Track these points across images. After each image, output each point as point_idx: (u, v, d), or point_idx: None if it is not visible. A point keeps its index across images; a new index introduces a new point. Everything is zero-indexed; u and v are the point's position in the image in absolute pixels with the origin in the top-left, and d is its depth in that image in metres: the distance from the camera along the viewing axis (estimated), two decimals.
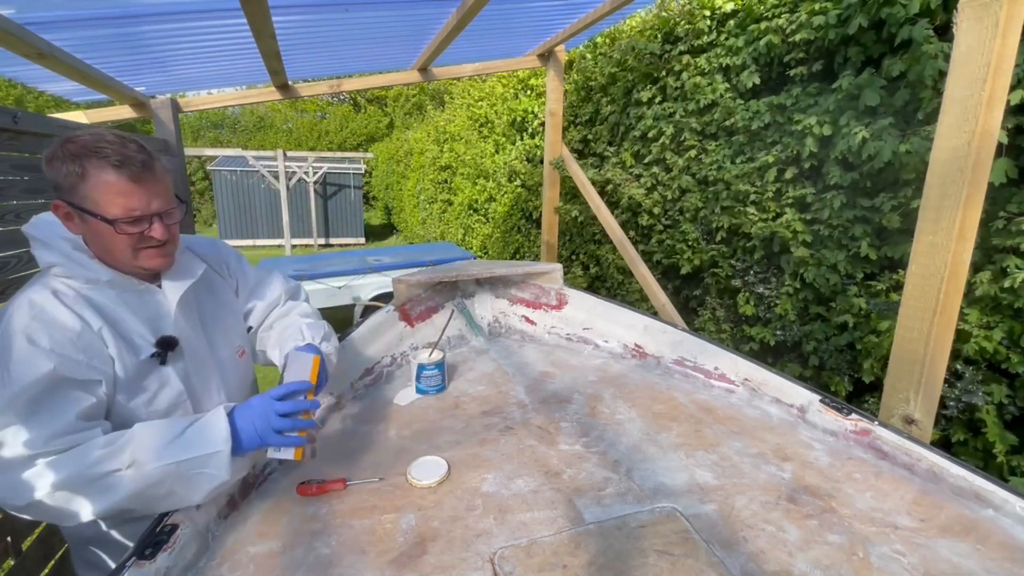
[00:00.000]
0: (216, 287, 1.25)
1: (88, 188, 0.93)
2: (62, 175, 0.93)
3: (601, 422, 1.40)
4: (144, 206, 0.96)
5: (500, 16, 3.02)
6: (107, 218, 0.94)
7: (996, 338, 1.83)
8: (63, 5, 2.00)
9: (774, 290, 2.67)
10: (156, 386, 1.04)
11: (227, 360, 1.21)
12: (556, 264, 2.09)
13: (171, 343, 1.06)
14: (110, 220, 0.94)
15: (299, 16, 2.52)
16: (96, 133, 0.96)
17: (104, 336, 0.97)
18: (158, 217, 0.99)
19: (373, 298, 5.41)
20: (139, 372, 1.02)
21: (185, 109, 3.51)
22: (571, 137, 4.51)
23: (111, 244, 0.97)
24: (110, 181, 0.93)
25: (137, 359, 1.01)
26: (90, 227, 0.96)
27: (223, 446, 0.92)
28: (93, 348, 0.95)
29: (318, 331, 1.27)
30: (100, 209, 0.94)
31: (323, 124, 19.22)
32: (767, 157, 2.61)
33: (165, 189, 1.00)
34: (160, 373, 1.05)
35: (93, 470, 0.87)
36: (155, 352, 1.03)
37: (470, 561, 0.91)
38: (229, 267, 1.31)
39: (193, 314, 1.14)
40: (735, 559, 0.91)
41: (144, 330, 1.04)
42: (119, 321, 1.01)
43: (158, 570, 0.83)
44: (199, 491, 0.93)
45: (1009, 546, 0.92)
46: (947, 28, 1.95)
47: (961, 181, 1.39)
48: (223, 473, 0.92)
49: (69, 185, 0.93)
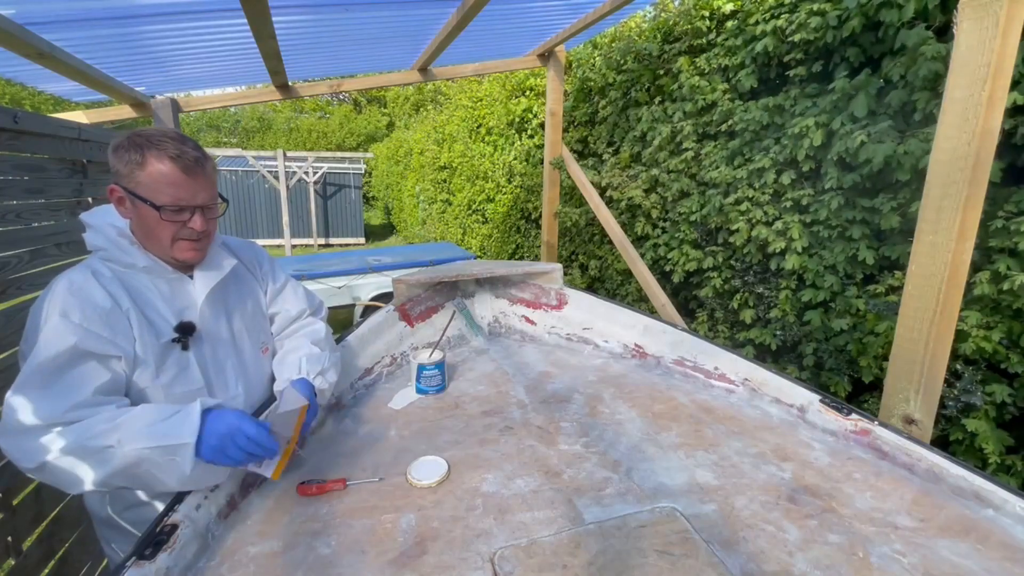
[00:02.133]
0: (247, 284, 1.33)
1: (144, 175, 1.03)
2: (124, 162, 1.03)
3: (601, 422, 1.40)
4: (190, 198, 1.06)
5: (500, 16, 3.02)
6: (156, 204, 1.04)
7: (995, 338, 1.83)
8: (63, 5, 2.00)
9: (773, 291, 2.67)
10: (175, 370, 1.11)
11: (249, 354, 1.27)
12: (556, 264, 2.09)
13: (189, 328, 1.12)
14: (158, 206, 1.04)
15: (299, 16, 2.52)
16: (161, 130, 1.07)
17: (131, 316, 1.05)
18: (200, 210, 1.08)
19: (373, 298, 5.41)
20: (160, 354, 1.08)
21: (185, 109, 3.51)
22: (570, 137, 4.51)
23: (155, 230, 1.07)
24: (164, 171, 1.03)
25: (158, 341, 1.08)
26: (139, 212, 1.06)
27: (189, 439, 0.93)
28: (119, 326, 1.03)
29: (316, 365, 1.29)
30: (151, 195, 1.03)
31: (323, 124, 19.21)
32: (765, 159, 2.61)
33: (211, 187, 1.11)
34: (180, 358, 1.12)
35: (92, 443, 0.92)
36: (175, 336, 1.10)
37: (470, 561, 0.91)
38: (262, 267, 1.39)
39: (220, 306, 1.21)
40: (735, 559, 0.91)
41: (170, 315, 1.11)
42: (147, 304, 1.10)
43: (158, 570, 0.83)
44: (171, 478, 0.94)
45: (1009, 546, 0.92)
46: (946, 29, 1.95)
47: (961, 181, 1.39)
48: (186, 466, 0.92)
49: (128, 171, 1.03)
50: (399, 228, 13.84)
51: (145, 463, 0.92)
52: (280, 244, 12.42)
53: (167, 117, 3.32)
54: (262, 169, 11.33)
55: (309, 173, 12.07)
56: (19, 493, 1.57)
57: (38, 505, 1.64)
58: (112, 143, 1.06)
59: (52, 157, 1.84)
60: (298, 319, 1.43)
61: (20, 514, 1.56)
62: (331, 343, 1.42)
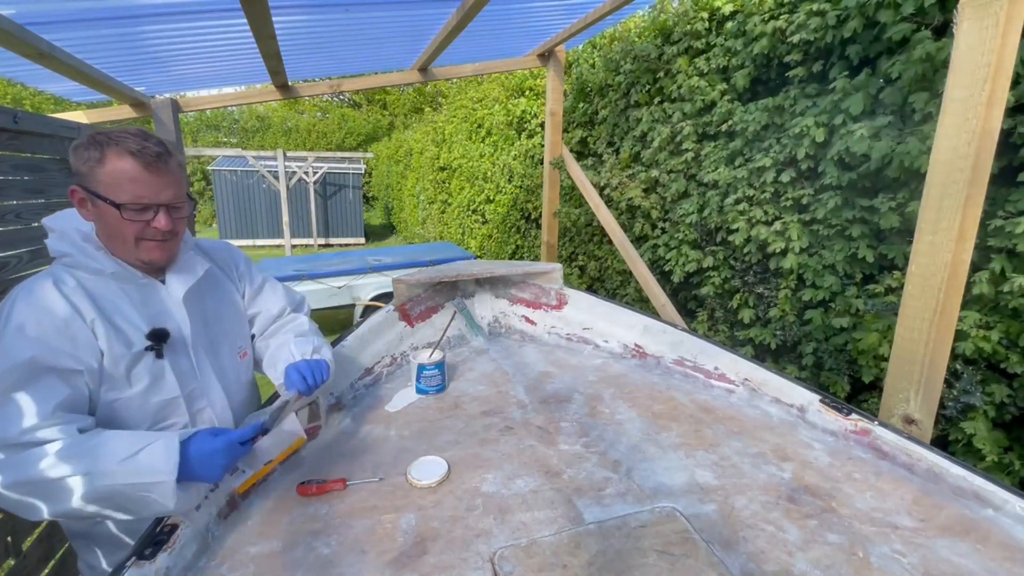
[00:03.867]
0: (223, 287, 1.27)
1: (103, 173, 0.98)
2: (83, 160, 0.98)
3: (601, 422, 1.40)
4: (153, 195, 1.00)
5: (500, 16, 3.02)
6: (116, 202, 0.98)
7: (994, 338, 1.83)
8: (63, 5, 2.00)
9: (773, 291, 2.67)
10: (149, 379, 1.05)
11: (227, 360, 1.23)
12: (556, 264, 2.09)
13: (163, 335, 1.06)
14: (118, 204, 0.98)
15: (299, 16, 2.52)
16: (122, 128, 1.03)
17: (95, 328, 0.99)
18: (164, 208, 1.02)
19: (373, 298, 5.41)
20: (131, 365, 1.02)
21: (185, 109, 3.51)
22: (570, 137, 4.51)
23: (118, 230, 1.01)
24: (124, 168, 0.98)
25: (129, 351, 1.02)
26: (101, 212, 1.00)
27: (167, 476, 0.90)
28: (80, 338, 0.97)
29: (307, 346, 1.28)
30: (112, 193, 0.98)
31: (322, 124, 19.22)
32: (765, 159, 2.61)
33: (176, 184, 1.04)
34: (154, 366, 1.06)
35: (52, 472, 0.86)
36: (148, 345, 1.04)
37: (470, 561, 0.91)
38: (238, 269, 1.34)
39: (195, 311, 1.15)
40: (735, 559, 0.91)
41: (141, 323, 1.05)
42: (116, 313, 1.03)
43: (158, 570, 0.83)
44: (146, 511, 0.91)
45: (1009, 546, 0.92)
46: (945, 28, 1.95)
47: (961, 181, 1.39)
48: (167, 501, 0.90)
49: (87, 170, 0.98)
50: (399, 228, 13.84)
51: (117, 497, 0.89)
52: (280, 244, 12.43)
53: (167, 117, 3.32)
54: (262, 169, 11.33)
55: (309, 173, 12.07)
56: None
57: None
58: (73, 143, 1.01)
59: (52, 157, 1.84)
60: (280, 317, 1.39)
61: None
62: (317, 333, 1.39)
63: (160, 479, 0.89)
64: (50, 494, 0.88)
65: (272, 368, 1.27)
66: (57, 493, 0.87)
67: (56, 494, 0.87)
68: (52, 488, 0.87)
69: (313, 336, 1.34)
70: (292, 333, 1.33)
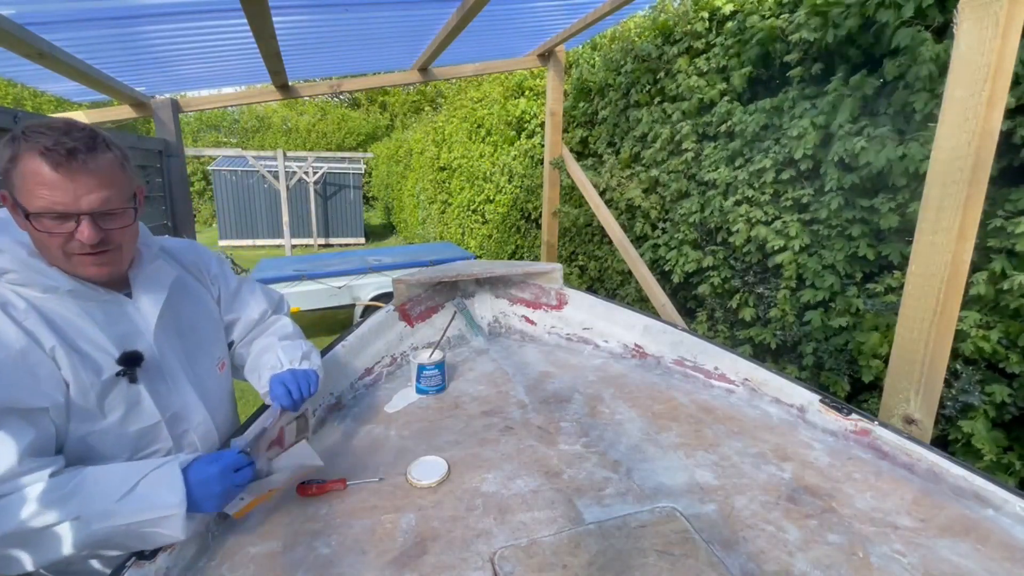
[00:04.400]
0: (195, 294, 1.14)
1: (16, 176, 0.82)
2: (1, 160, 0.83)
3: (601, 422, 1.40)
4: (70, 201, 0.82)
5: (500, 16, 3.02)
6: (28, 211, 0.82)
7: (994, 338, 1.83)
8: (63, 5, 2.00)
9: (773, 291, 2.67)
10: (124, 407, 0.93)
11: (206, 374, 1.10)
12: (556, 264, 2.09)
13: (135, 358, 0.94)
14: (28, 214, 0.82)
15: (299, 16, 2.52)
16: (51, 118, 0.87)
17: (57, 356, 0.85)
18: (89, 217, 0.84)
19: (373, 298, 5.41)
20: (102, 393, 0.90)
21: (185, 109, 3.51)
22: (570, 137, 4.51)
23: (40, 243, 0.86)
24: (35, 170, 0.80)
25: (99, 379, 0.89)
26: (21, 222, 0.85)
27: (177, 509, 0.83)
28: (41, 370, 0.83)
29: (296, 352, 1.19)
30: (25, 201, 0.82)
31: (322, 124, 19.22)
32: (765, 159, 2.61)
33: (107, 185, 0.85)
34: (129, 393, 0.94)
35: (36, 521, 0.76)
36: (120, 370, 0.92)
37: (470, 561, 0.91)
38: (210, 272, 1.20)
39: (168, 325, 1.02)
40: (735, 559, 0.91)
41: (109, 345, 0.92)
42: (79, 336, 0.89)
43: (158, 570, 0.83)
44: (149, 545, 0.85)
45: (1009, 546, 0.92)
46: (945, 29, 1.95)
47: (961, 181, 1.39)
48: (178, 533, 0.84)
49: (4, 171, 0.83)
50: (399, 228, 13.84)
51: (119, 537, 0.81)
52: (280, 244, 12.43)
53: (167, 117, 3.32)
54: (262, 169, 11.34)
55: (309, 173, 12.08)
56: None
57: None
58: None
59: None
60: (261, 321, 1.28)
61: None
62: (302, 336, 1.30)
63: (169, 512, 0.82)
64: (35, 545, 0.78)
65: (255, 375, 1.18)
66: (43, 543, 0.78)
67: (42, 544, 0.78)
68: (36, 539, 0.77)
69: (300, 341, 1.25)
70: (276, 336, 1.23)
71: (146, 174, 2.79)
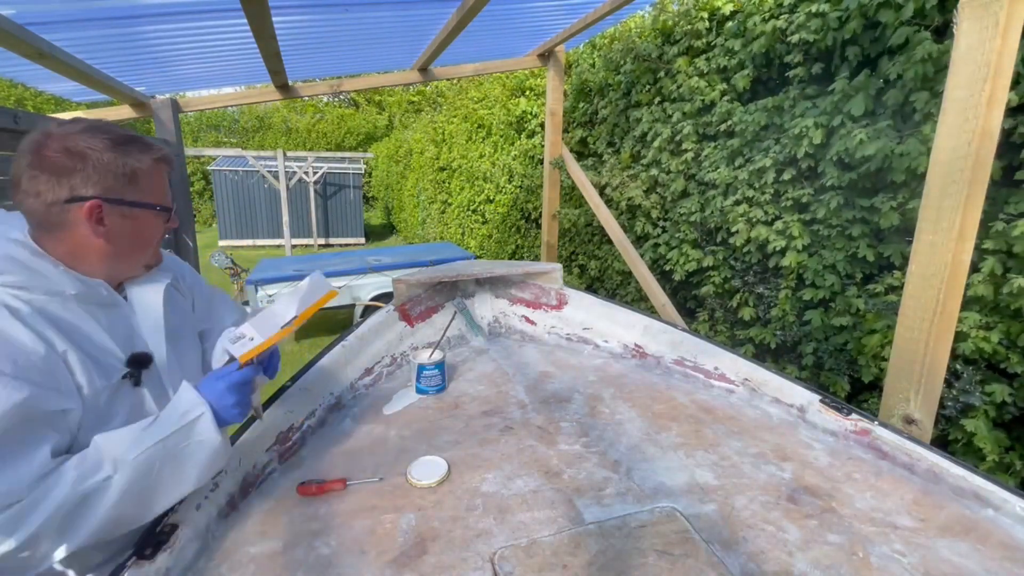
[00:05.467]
0: (177, 300, 1.13)
1: (144, 176, 0.92)
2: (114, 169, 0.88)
3: (601, 422, 1.40)
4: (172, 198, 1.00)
5: (500, 16, 3.02)
6: (166, 207, 0.97)
7: (995, 338, 1.83)
8: (63, 5, 2.00)
9: (773, 291, 2.67)
10: (128, 410, 0.92)
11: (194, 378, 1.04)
12: (556, 264, 2.09)
13: (144, 360, 0.95)
14: (167, 208, 0.97)
15: (299, 16, 2.53)
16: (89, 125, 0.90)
17: (69, 360, 0.84)
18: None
19: (373, 298, 5.41)
20: (111, 397, 0.89)
21: (185, 109, 3.51)
22: (570, 137, 4.51)
23: (149, 238, 0.97)
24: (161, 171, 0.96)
25: (109, 382, 0.89)
26: (135, 222, 0.93)
27: (203, 408, 0.86)
28: (59, 374, 0.82)
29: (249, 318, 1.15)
30: (158, 199, 0.95)
31: (322, 124, 19.23)
32: (765, 159, 2.61)
33: None
34: (133, 396, 0.94)
35: (78, 489, 0.77)
36: (127, 372, 0.92)
37: (470, 561, 0.91)
38: (185, 280, 1.19)
39: (162, 329, 1.02)
40: (735, 559, 0.91)
41: (115, 348, 0.92)
42: (86, 340, 0.88)
43: (158, 570, 0.83)
44: (192, 468, 0.86)
45: (1009, 546, 0.92)
46: (945, 28, 1.95)
47: (961, 181, 1.39)
48: (213, 436, 0.85)
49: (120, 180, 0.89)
50: (399, 228, 13.84)
51: (158, 464, 0.82)
52: (280, 244, 12.43)
53: (167, 117, 3.32)
54: (262, 169, 11.33)
55: (309, 173, 12.07)
56: None
57: None
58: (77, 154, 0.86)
59: None
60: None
61: None
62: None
63: (196, 412, 0.85)
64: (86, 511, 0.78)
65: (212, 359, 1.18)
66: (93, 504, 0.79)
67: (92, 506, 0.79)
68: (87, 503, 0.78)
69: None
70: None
71: None
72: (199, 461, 0.87)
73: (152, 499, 0.85)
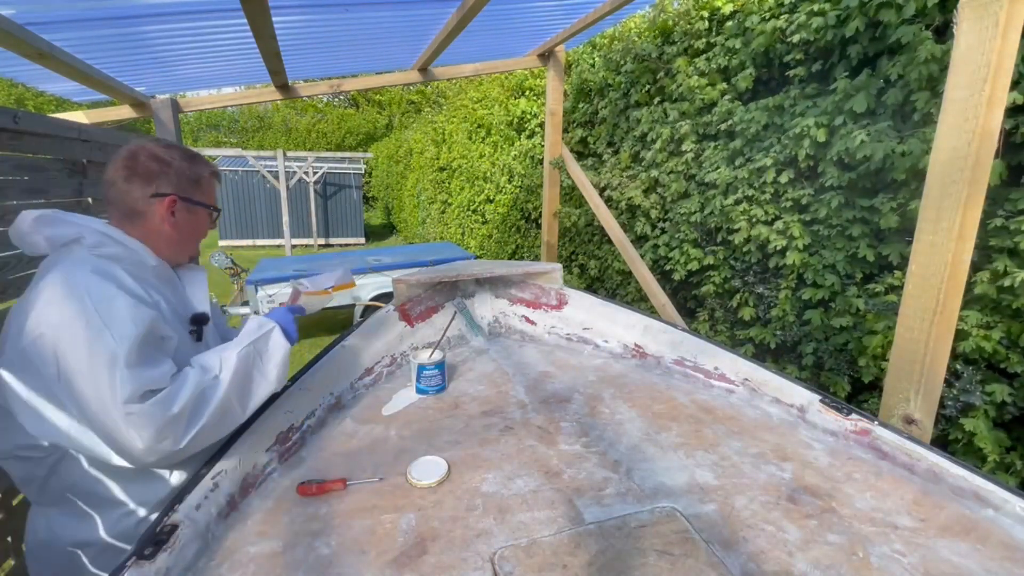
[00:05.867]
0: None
1: (207, 186, 1.23)
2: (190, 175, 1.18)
3: (601, 422, 1.40)
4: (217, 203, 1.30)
5: (500, 16, 3.02)
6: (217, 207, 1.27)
7: (995, 338, 1.83)
8: (63, 5, 2.00)
9: (773, 291, 2.67)
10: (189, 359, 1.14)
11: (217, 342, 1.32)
12: (556, 264, 2.09)
13: (203, 319, 1.22)
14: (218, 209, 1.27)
15: (299, 16, 2.52)
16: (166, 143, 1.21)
17: (161, 310, 1.11)
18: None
19: (373, 298, 5.41)
20: (180, 348, 1.12)
21: (185, 109, 3.51)
22: (570, 138, 4.51)
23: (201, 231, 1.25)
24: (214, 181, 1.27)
25: (177, 335, 1.12)
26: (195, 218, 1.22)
27: (275, 324, 1.17)
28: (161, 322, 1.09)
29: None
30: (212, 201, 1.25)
31: (322, 124, 19.23)
32: (765, 159, 2.61)
33: None
34: (195, 349, 1.16)
35: (199, 383, 1.00)
36: (192, 329, 1.19)
37: (470, 561, 0.91)
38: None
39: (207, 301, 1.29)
40: (735, 559, 0.91)
41: (181, 309, 1.19)
42: (162, 299, 1.14)
43: (158, 570, 0.83)
44: (273, 367, 1.13)
45: (1009, 546, 0.92)
46: (945, 28, 1.95)
47: (961, 181, 1.39)
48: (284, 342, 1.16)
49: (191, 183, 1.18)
50: (399, 228, 13.84)
51: (250, 359, 1.10)
52: (280, 244, 12.43)
53: (167, 117, 3.32)
54: (262, 169, 11.34)
55: (309, 173, 12.07)
56: (19, 494, 1.57)
57: None
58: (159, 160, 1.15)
59: (53, 157, 1.84)
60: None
61: (20, 514, 1.56)
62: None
63: (270, 326, 1.16)
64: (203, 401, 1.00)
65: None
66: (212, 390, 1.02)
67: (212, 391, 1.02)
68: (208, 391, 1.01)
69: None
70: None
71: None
72: (277, 361, 1.14)
73: (246, 395, 1.09)
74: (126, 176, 1.12)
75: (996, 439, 1.84)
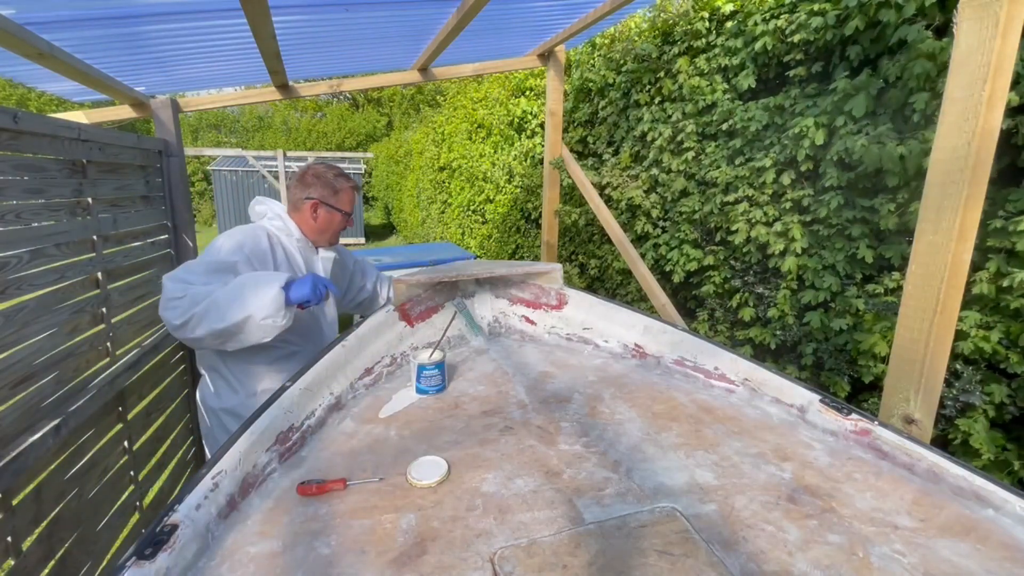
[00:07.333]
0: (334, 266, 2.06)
1: (344, 195, 1.91)
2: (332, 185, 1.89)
3: (601, 422, 1.40)
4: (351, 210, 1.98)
5: (500, 16, 3.02)
6: (347, 212, 1.94)
7: (994, 338, 1.83)
8: (63, 5, 1.99)
9: (773, 291, 2.67)
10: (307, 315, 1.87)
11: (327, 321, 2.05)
12: (556, 264, 2.09)
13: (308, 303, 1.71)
14: (348, 213, 1.94)
15: (299, 16, 2.52)
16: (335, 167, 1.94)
17: (279, 266, 1.80)
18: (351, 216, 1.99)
19: None
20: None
21: (185, 109, 3.50)
22: (570, 137, 4.51)
23: (335, 227, 1.94)
24: (352, 195, 1.95)
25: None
26: (331, 217, 1.91)
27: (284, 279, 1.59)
28: (266, 266, 1.75)
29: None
30: (346, 208, 1.92)
31: (322, 124, 19.22)
32: (765, 159, 2.61)
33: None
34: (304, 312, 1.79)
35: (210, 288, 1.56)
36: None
37: (470, 561, 0.91)
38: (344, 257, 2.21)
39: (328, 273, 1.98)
40: (735, 559, 0.91)
41: (308, 269, 1.90)
42: (290, 261, 1.85)
43: (158, 570, 0.83)
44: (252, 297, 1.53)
45: (1009, 546, 0.92)
46: (946, 28, 1.95)
47: (961, 181, 1.39)
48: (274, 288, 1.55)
49: (331, 193, 1.89)
50: (399, 228, 13.83)
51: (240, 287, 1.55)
52: None
53: (167, 117, 3.31)
54: (262, 169, 11.32)
55: None
56: (19, 493, 1.56)
57: (38, 505, 1.63)
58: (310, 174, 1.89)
59: (53, 157, 1.84)
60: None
61: (20, 514, 1.56)
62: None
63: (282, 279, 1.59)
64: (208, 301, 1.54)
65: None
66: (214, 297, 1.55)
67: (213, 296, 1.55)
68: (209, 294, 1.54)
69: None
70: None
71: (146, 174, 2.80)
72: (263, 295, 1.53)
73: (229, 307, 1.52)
74: (297, 183, 1.89)
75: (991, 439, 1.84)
